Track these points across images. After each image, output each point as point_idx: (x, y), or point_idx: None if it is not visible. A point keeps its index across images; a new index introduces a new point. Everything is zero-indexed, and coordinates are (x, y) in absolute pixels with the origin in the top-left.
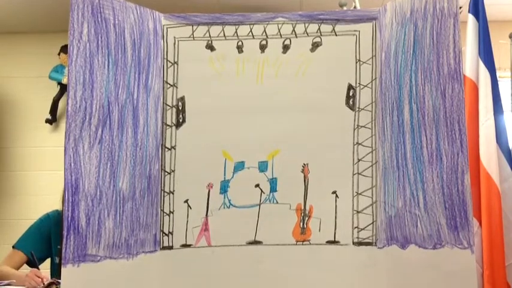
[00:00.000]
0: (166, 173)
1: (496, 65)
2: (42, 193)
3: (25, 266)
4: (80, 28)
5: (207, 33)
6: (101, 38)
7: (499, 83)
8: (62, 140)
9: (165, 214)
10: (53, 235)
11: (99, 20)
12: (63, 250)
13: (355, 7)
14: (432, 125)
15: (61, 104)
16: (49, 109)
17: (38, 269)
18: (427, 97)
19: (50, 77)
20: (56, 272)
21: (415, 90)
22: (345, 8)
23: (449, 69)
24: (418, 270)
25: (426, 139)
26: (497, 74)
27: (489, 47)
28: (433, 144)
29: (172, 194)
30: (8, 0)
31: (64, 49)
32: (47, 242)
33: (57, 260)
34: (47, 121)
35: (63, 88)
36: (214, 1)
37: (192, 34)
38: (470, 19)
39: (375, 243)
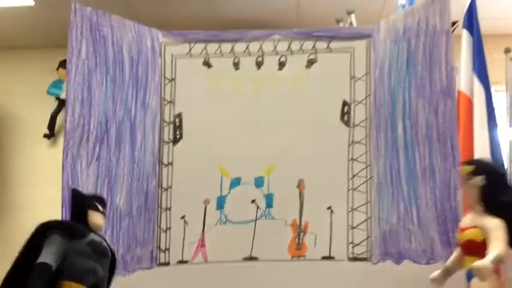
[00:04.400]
0: (163, 189)
1: (491, 79)
2: (40, 208)
3: None
4: (78, 46)
5: (204, 50)
6: (99, 55)
7: (494, 97)
8: (60, 155)
9: (161, 230)
10: None
11: (98, 37)
12: None
13: (351, 23)
14: (425, 141)
15: (59, 118)
16: (47, 124)
17: None
18: (420, 113)
19: (49, 92)
20: None
21: (409, 107)
22: (341, 24)
23: (442, 86)
24: (413, 285)
25: (419, 155)
26: (493, 88)
27: (483, 62)
28: (426, 160)
29: (169, 210)
30: (4, 15)
31: (62, 64)
32: None
33: None
34: (45, 136)
35: (61, 103)
36: (213, 15)
37: (190, 51)
38: (465, 34)
39: (370, 258)
